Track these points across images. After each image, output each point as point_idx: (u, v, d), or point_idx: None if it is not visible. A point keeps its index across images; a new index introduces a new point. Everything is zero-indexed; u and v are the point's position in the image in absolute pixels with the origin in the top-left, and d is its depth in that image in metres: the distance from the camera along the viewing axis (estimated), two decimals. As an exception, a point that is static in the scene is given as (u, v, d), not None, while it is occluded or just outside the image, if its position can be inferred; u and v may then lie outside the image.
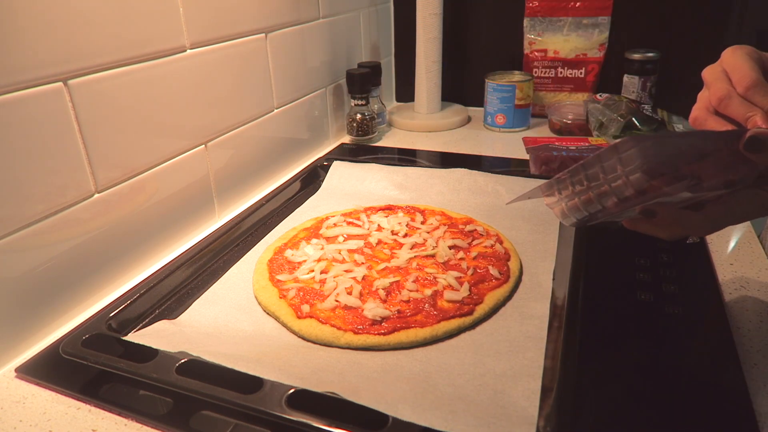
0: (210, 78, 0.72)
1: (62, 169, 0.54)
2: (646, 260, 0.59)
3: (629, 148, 0.37)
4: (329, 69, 1.02)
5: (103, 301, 0.60)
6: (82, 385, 0.47)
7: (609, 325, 0.50)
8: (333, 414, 0.40)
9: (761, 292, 0.56)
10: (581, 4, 1.11)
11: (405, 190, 0.83)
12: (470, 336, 0.52)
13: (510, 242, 0.67)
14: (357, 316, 0.53)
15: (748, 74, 0.40)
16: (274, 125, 0.87)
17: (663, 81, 1.09)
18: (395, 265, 0.61)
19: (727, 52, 0.42)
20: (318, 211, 0.77)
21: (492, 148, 1.02)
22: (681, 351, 0.47)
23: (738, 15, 1.03)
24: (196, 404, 0.44)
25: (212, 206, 0.77)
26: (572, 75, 1.16)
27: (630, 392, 0.43)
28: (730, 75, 0.41)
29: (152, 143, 0.65)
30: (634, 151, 0.36)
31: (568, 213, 0.45)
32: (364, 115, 1.04)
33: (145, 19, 0.61)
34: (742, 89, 0.40)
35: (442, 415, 0.39)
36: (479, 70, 1.20)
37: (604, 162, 0.39)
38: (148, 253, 0.66)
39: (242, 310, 0.57)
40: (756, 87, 0.39)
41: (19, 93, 0.49)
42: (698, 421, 0.40)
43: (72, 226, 0.56)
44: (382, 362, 0.48)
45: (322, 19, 0.97)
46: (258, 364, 0.45)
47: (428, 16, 1.09)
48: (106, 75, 0.58)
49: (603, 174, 0.39)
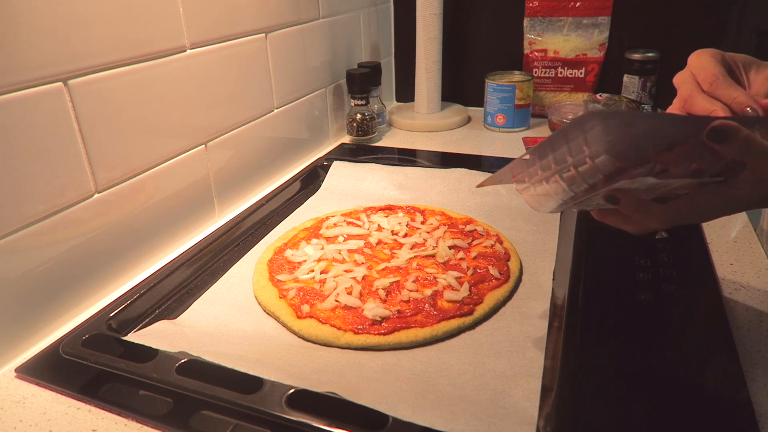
0: (210, 78, 0.72)
1: (62, 169, 0.54)
2: (646, 260, 0.59)
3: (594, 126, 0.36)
4: (329, 69, 1.02)
5: (103, 301, 0.60)
6: (82, 385, 0.47)
7: (609, 326, 0.50)
8: (333, 414, 0.40)
9: (761, 292, 0.56)
10: (581, 4, 1.11)
11: (405, 190, 0.83)
12: (470, 336, 0.52)
13: (510, 242, 0.67)
14: (357, 316, 0.53)
15: (711, 72, 0.41)
16: (274, 125, 0.87)
17: (663, 81, 1.09)
18: (395, 265, 0.61)
19: (692, 57, 0.44)
20: (318, 211, 0.77)
21: (492, 148, 1.02)
22: (681, 351, 0.47)
23: (738, 15, 1.03)
24: (196, 404, 0.43)
25: (212, 206, 0.77)
26: (572, 75, 1.16)
27: (630, 392, 0.43)
28: (696, 76, 0.43)
29: (152, 143, 0.65)
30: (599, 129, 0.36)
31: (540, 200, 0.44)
32: (364, 115, 1.04)
33: (145, 19, 0.61)
34: (707, 86, 0.42)
35: (442, 415, 0.39)
36: (479, 70, 1.20)
37: (570, 141, 0.38)
38: (148, 253, 0.66)
39: (242, 310, 0.57)
40: (717, 82, 0.41)
41: (19, 93, 0.49)
42: (698, 421, 0.40)
43: (72, 226, 0.56)
44: (382, 362, 0.48)
45: (322, 19, 0.97)
46: (258, 364, 0.45)
47: (428, 16, 1.09)
48: (106, 75, 0.57)
49: (570, 155, 0.38)
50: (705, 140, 0.36)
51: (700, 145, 0.36)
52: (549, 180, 0.41)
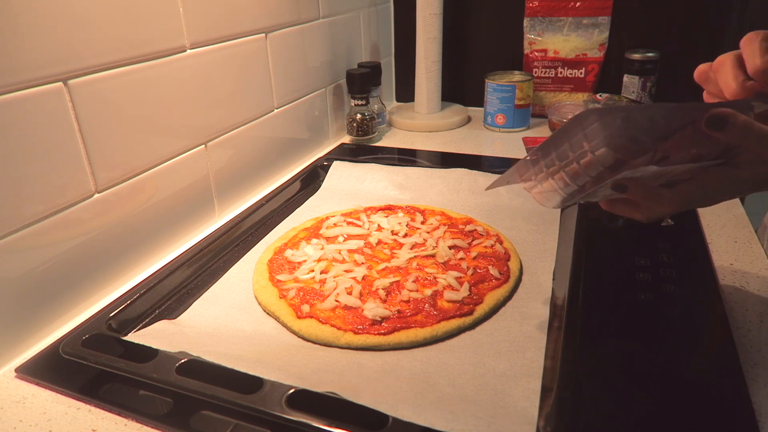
0: (210, 78, 0.72)
1: (62, 169, 0.54)
2: (645, 260, 0.59)
3: (592, 123, 0.37)
4: (329, 69, 1.02)
5: (103, 301, 0.60)
6: (82, 385, 0.46)
7: (609, 326, 0.50)
8: (333, 414, 0.40)
9: (761, 292, 0.56)
10: (581, 4, 1.11)
11: (405, 190, 0.83)
12: (470, 336, 0.52)
13: (510, 242, 0.67)
14: (357, 316, 0.53)
15: None
16: (274, 125, 0.87)
17: (663, 81, 1.08)
18: (395, 265, 0.61)
19: None
20: (318, 211, 0.77)
21: (492, 148, 1.02)
22: (681, 351, 0.47)
23: (738, 15, 1.03)
24: (196, 404, 0.43)
25: (212, 206, 0.77)
26: (572, 75, 1.16)
27: (630, 392, 0.43)
28: None
29: (152, 143, 0.65)
30: (597, 125, 0.37)
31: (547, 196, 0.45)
32: (364, 115, 1.04)
33: (145, 19, 0.61)
34: None
35: (442, 415, 0.39)
36: (479, 70, 1.20)
37: (571, 138, 0.39)
38: (148, 253, 0.66)
39: (242, 310, 0.57)
40: None
41: (19, 93, 0.49)
42: (698, 421, 0.40)
43: (72, 226, 0.56)
44: (382, 362, 0.48)
45: (322, 19, 0.97)
46: (258, 364, 0.45)
47: (428, 16, 1.09)
48: (106, 75, 0.57)
49: (572, 151, 0.40)
50: (704, 128, 0.36)
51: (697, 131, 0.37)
52: (554, 176, 0.42)
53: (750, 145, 0.37)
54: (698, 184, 0.40)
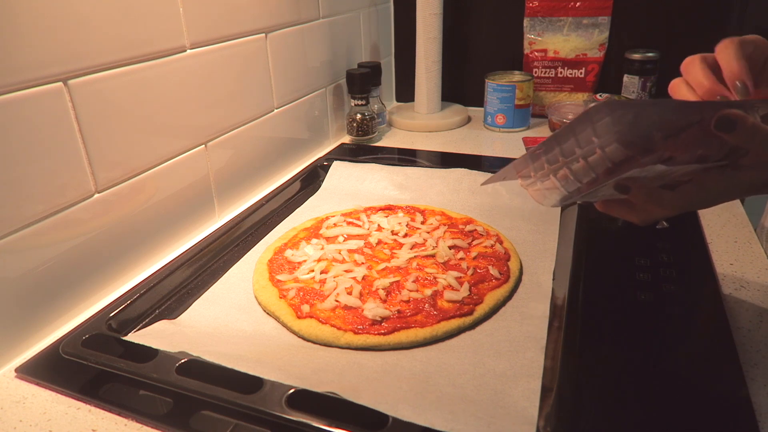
0: (210, 78, 0.72)
1: (62, 169, 0.54)
2: (646, 260, 0.59)
3: (603, 117, 0.36)
4: (329, 69, 1.02)
5: (103, 301, 0.60)
6: (82, 385, 0.46)
7: (609, 326, 0.50)
8: (333, 414, 0.40)
9: (761, 292, 0.56)
10: (581, 4, 1.11)
11: (405, 190, 0.83)
12: (470, 336, 0.52)
13: (510, 242, 0.67)
14: (357, 316, 0.53)
15: None
16: (274, 125, 0.87)
17: (663, 81, 1.08)
18: (395, 265, 0.61)
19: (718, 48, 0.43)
20: (318, 211, 0.77)
21: (492, 148, 1.02)
22: (681, 351, 0.47)
23: (738, 15, 1.03)
24: (196, 404, 0.43)
25: (212, 206, 0.77)
26: (572, 75, 1.16)
27: (630, 392, 0.43)
28: None
29: (152, 143, 0.65)
30: (608, 120, 0.36)
31: (546, 193, 0.44)
32: (364, 115, 1.04)
33: (145, 19, 0.61)
34: None
35: (442, 415, 0.39)
36: (479, 70, 1.20)
37: (578, 134, 0.38)
38: (148, 253, 0.66)
39: (242, 310, 0.57)
40: None
41: (19, 93, 0.49)
42: (698, 421, 0.40)
43: (72, 226, 0.56)
44: (382, 362, 0.48)
45: (322, 19, 0.97)
46: (258, 364, 0.45)
47: (428, 16, 1.09)
48: (106, 75, 0.57)
49: (578, 147, 0.39)
50: (713, 130, 0.36)
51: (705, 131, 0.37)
52: (556, 173, 0.42)
53: (756, 148, 0.37)
54: (699, 186, 0.40)
